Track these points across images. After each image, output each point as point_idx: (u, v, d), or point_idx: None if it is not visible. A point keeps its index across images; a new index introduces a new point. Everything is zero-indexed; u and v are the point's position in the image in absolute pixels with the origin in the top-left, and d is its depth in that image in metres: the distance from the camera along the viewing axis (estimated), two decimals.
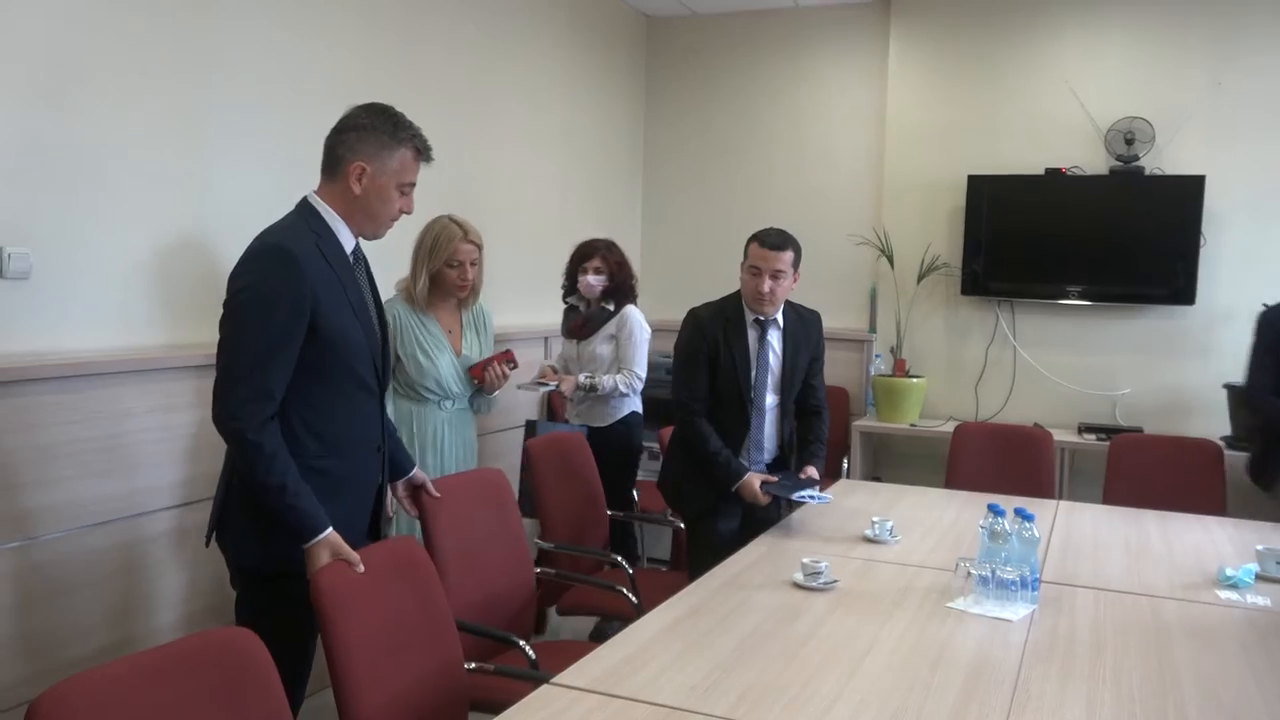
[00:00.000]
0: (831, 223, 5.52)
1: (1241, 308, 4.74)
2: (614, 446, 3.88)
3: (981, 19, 5.20)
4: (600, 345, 3.96)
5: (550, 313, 5.05)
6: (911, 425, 5.09)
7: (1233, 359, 4.78)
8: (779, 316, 3.24)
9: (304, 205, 2.21)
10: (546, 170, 5.05)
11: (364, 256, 2.33)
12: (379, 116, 2.21)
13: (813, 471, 3.24)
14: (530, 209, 4.93)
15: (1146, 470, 3.94)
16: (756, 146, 5.74)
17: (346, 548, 2.05)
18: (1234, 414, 4.58)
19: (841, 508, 3.28)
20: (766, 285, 3.10)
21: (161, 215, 2.89)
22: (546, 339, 4.92)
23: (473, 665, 2.29)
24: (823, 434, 3.37)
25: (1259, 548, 2.70)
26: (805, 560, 2.48)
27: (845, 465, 5.07)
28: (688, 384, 3.19)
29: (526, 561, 2.85)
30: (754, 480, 3.07)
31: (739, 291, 3.23)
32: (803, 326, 3.32)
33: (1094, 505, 3.64)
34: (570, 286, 4.10)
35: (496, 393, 3.31)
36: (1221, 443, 4.19)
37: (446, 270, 3.16)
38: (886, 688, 1.86)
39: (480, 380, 3.22)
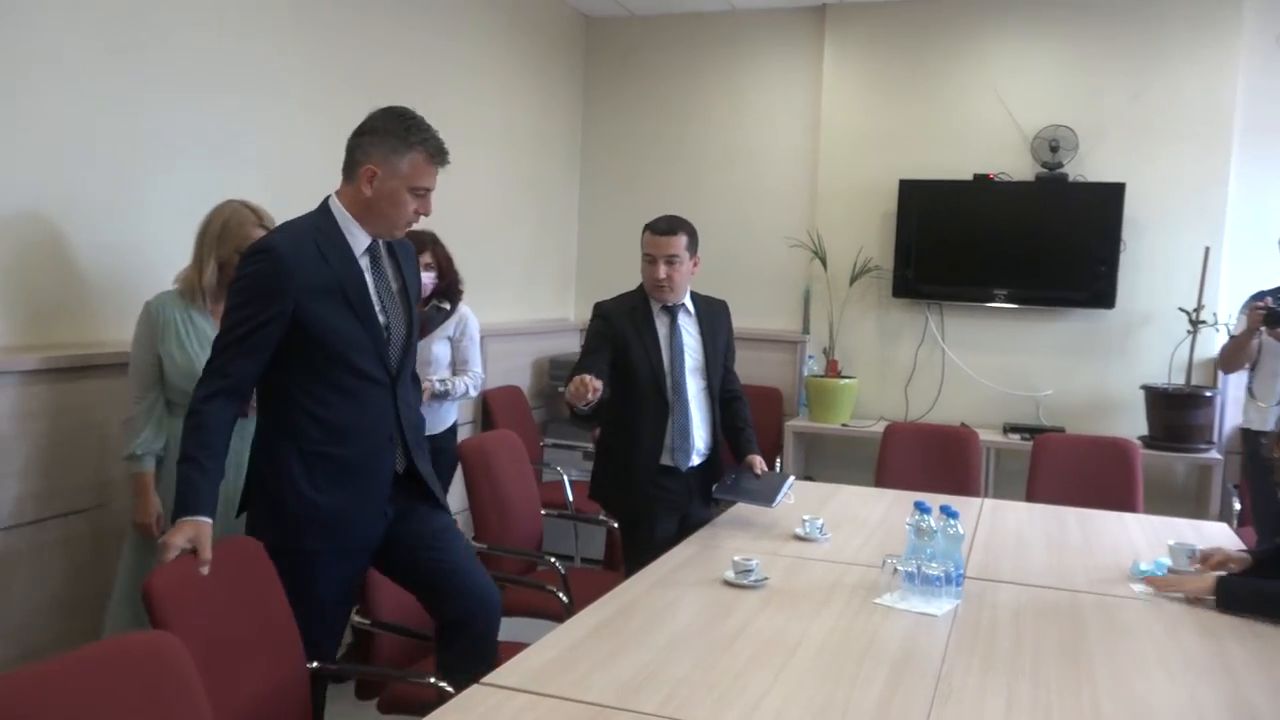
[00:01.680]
0: (766, 225, 5.59)
1: (1158, 311, 4.91)
2: (446, 454, 3.61)
3: (914, 28, 5.31)
4: (437, 346, 3.67)
5: (487, 312, 5.03)
6: (843, 425, 5.17)
7: (1150, 361, 4.96)
8: (688, 303, 3.21)
9: (322, 204, 2.29)
10: (485, 168, 5.03)
11: (388, 254, 2.35)
12: (393, 119, 2.25)
13: (758, 460, 3.23)
14: (469, 207, 4.90)
15: (1067, 468, 4.06)
16: (693, 147, 5.78)
17: (206, 542, 2.02)
18: (1152, 413, 4.73)
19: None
20: (662, 271, 3.07)
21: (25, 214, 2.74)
22: (484, 338, 4.88)
23: (314, 665, 2.26)
24: (750, 419, 3.37)
25: (1170, 542, 2.80)
26: (736, 558, 2.51)
27: (779, 465, 5.13)
28: (581, 367, 3.08)
29: None
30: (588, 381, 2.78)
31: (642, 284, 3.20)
32: (713, 311, 3.30)
33: (1017, 502, 3.73)
34: None
35: None
36: (1138, 442, 4.33)
37: (236, 259, 2.64)
38: (814, 682, 1.89)
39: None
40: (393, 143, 2.23)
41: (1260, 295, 4.07)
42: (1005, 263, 5.15)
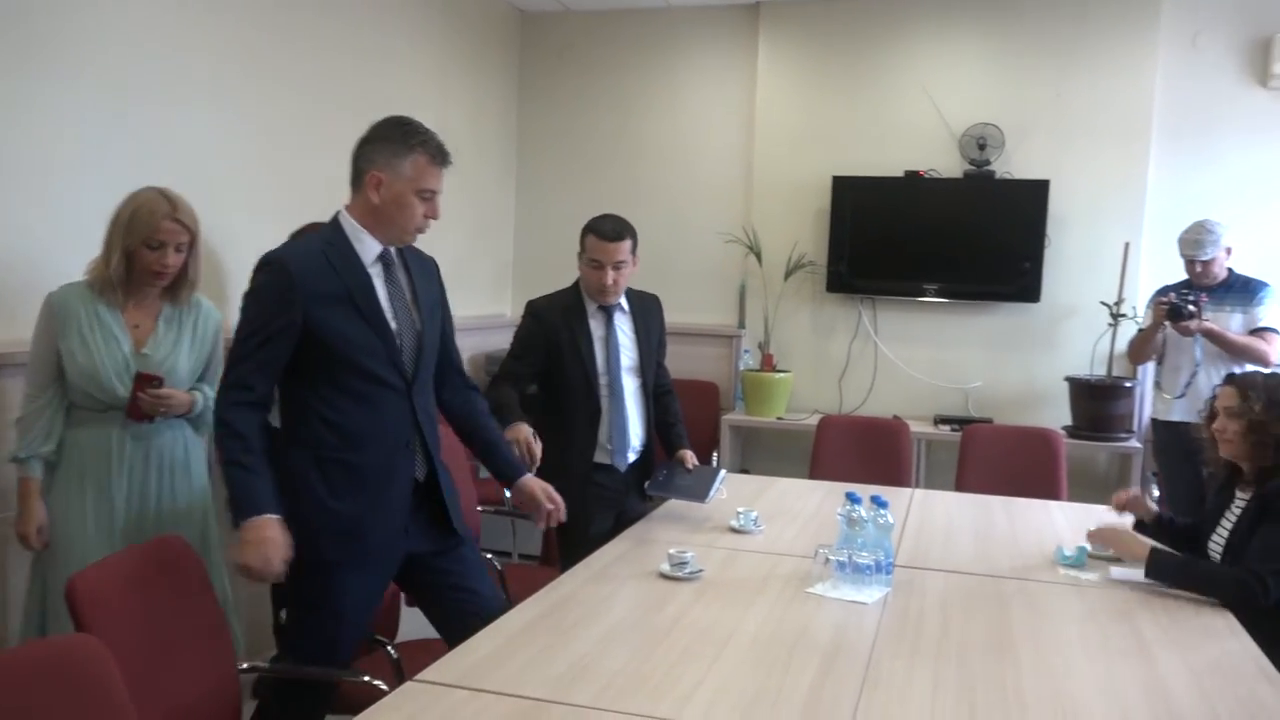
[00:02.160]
0: (702, 220, 5.62)
1: (1081, 305, 5.05)
2: None
3: (846, 27, 5.38)
4: None
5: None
6: (779, 418, 5.23)
7: (1074, 353, 5.10)
8: (623, 301, 3.21)
9: (333, 218, 2.33)
10: None
11: (402, 264, 2.39)
12: (391, 126, 2.31)
13: (689, 455, 3.27)
14: None
15: (995, 458, 4.16)
16: (629, 144, 5.79)
17: (277, 544, 2.11)
18: (1076, 404, 4.87)
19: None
20: (610, 277, 3.06)
21: None
22: None
23: (245, 665, 2.25)
24: (680, 413, 3.41)
25: (1091, 528, 2.89)
26: (671, 551, 2.53)
27: (715, 458, 5.17)
28: (509, 368, 3.14)
29: None
30: (522, 430, 2.89)
31: (578, 281, 3.19)
32: (645, 307, 3.30)
33: (947, 492, 3.81)
34: None
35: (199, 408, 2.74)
36: (1063, 431, 4.46)
37: (144, 251, 2.56)
38: (746, 671, 1.92)
39: (136, 417, 2.58)
40: (393, 147, 2.27)
41: (1165, 290, 4.22)
42: (935, 258, 5.25)
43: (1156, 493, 4.59)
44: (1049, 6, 5.10)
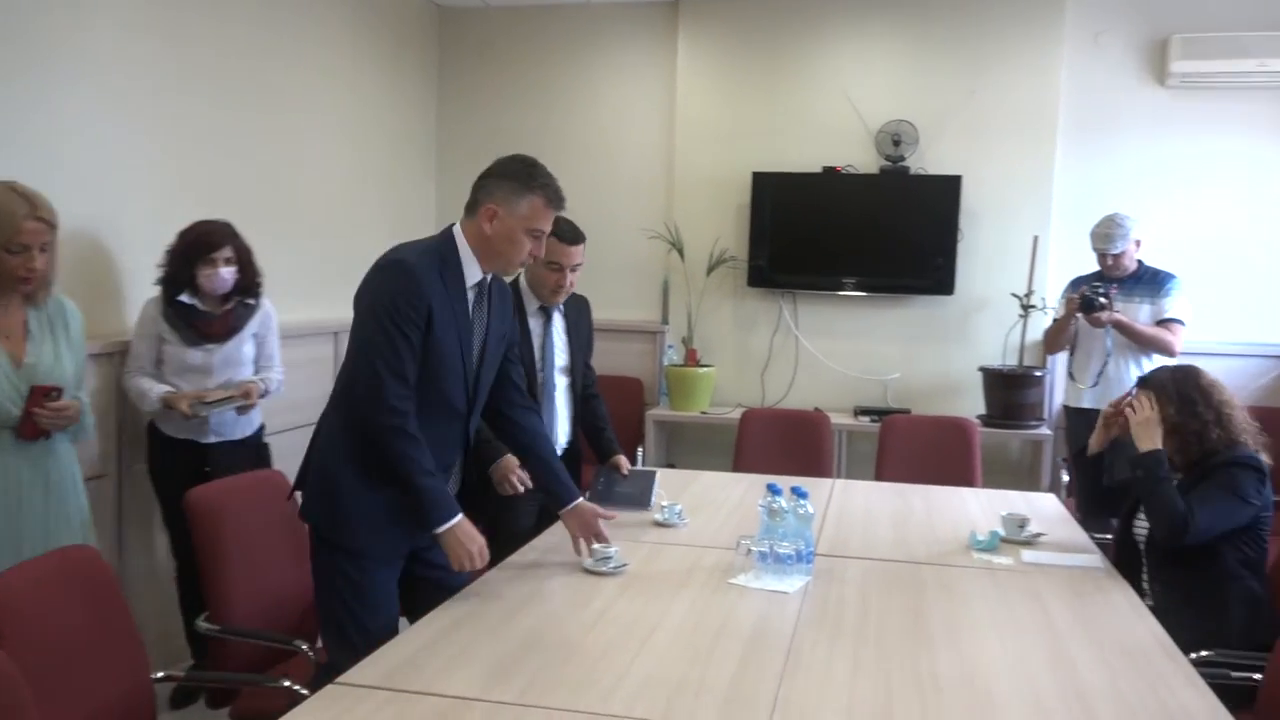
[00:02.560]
0: (624, 217, 5.63)
1: (993, 297, 5.19)
2: (264, 459, 3.53)
3: (764, 25, 5.44)
4: (246, 346, 3.47)
5: (341, 309, 4.92)
6: (702, 412, 5.28)
7: (987, 344, 5.24)
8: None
9: (446, 232, 2.39)
10: (335, 163, 4.90)
11: (492, 291, 2.45)
12: (518, 164, 2.39)
13: (624, 461, 3.33)
14: (318, 204, 4.78)
15: (912, 448, 4.26)
16: (551, 139, 5.77)
17: (477, 537, 2.27)
18: (989, 393, 5.00)
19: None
20: (568, 279, 3.11)
21: None
22: (336, 334, 4.78)
23: (160, 674, 2.22)
24: (607, 416, 3.46)
25: (1003, 514, 2.98)
26: (596, 546, 2.54)
27: (640, 453, 5.19)
28: None
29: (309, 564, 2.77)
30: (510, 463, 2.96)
31: (515, 281, 3.18)
32: (578, 309, 3.36)
33: (867, 482, 3.89)
34: (180, 281, 3.34)
35: (88, 419, 2.70)
36: (977, 420, 4.58)
37: (5, 257, 2.41)
38: (670, 663, 1.93)
39: (30, 435, 2.47)
40: (515, 185, 2.34)
41: (1078, 281, 4.35)
42: (853, 252, 5.35)
43: (1066, 478, 4.75)
44: (960, 7, 5.23)
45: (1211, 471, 2.64)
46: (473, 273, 2.36)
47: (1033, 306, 4.98)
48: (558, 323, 3.24)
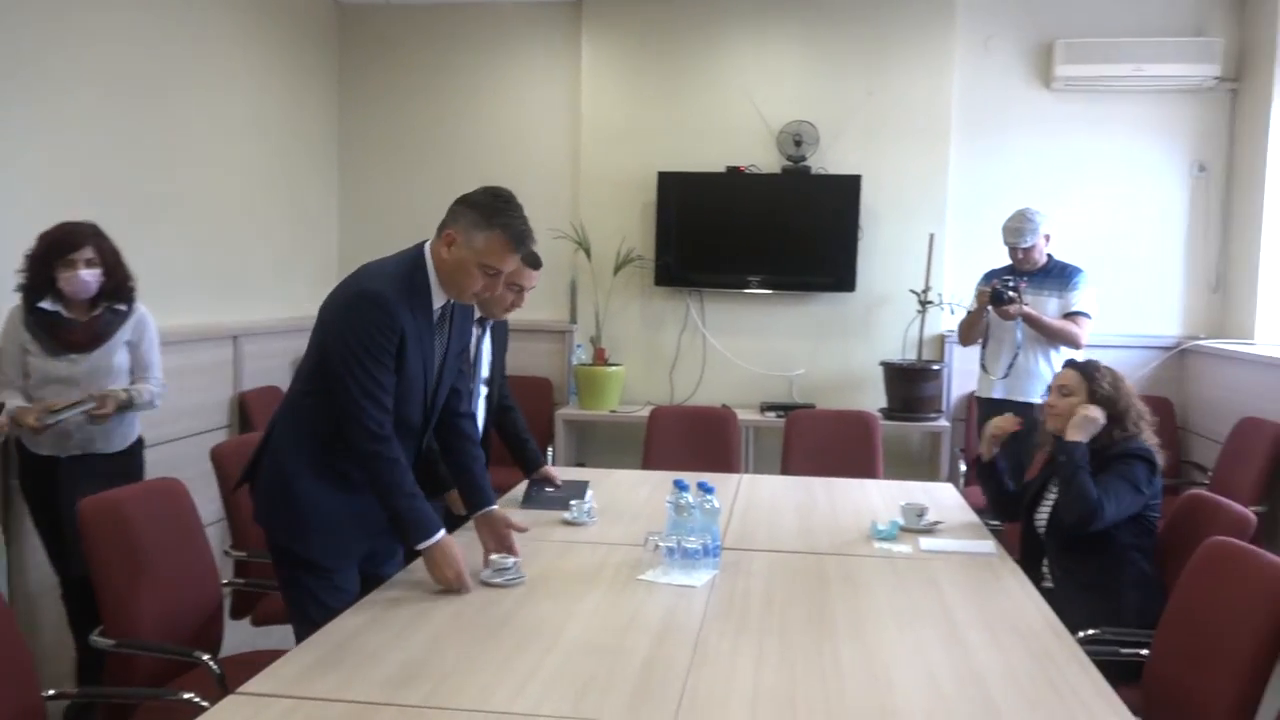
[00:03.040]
0: (531, 216, 5.53)
1: (893, 293, 5.34)
2: (133, 474, 3.28)
3: (667, 26, 5.49)
4: (118, 355, 3.24)
5: (238, 310, 4.80)
6: (612, 411, 5.30)
7: (887, 339, 5.38)
8: None
9: (417, 252, 2.38)
10: (233, 161, 4.78)
11: (455, 308, 2.46)
12: (489, 197, 2.34)
13: (554, 473, 3.37)
14: (216, 203, 4.65)
15: (817, 442, 4.35)
16: (456, 137, 5.73)
17: (460, 557, 2.32)
18: (890, 387, 5.14)
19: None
20: (523, 300, 3.13)
21: None
22: (236, 338, 4.66)
23: (51, 692, 2.16)
24: (526, 426, 3.48)
25: (902, 503, 3.07)
26: (494, 557, 2.47)
27: (550, 453, 5.19)
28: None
29: (211, 573, 2.71)
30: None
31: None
32: (500, 320, 3.33)
33: (773, 476, 3.96)
34: (40, 286, 3.14)
35: None
36: (878, 413, 4.70)
37: None
38: (578, 660, 1.95)
39: None
40: (477, 217, 2.30)
41: (991, 274, 4.44)
42: (758, 250, 5.43)
43: (964, 467, 4.91)
44: (858, 11, 5.36)
45: (1109, 462, 2.77)
46: (438, 296, 2.38)
47: (930, 302, 5.14)
48: (486, 334, 3.23)
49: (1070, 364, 3.04)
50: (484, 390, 3.25)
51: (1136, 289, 5.28)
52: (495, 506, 2.61)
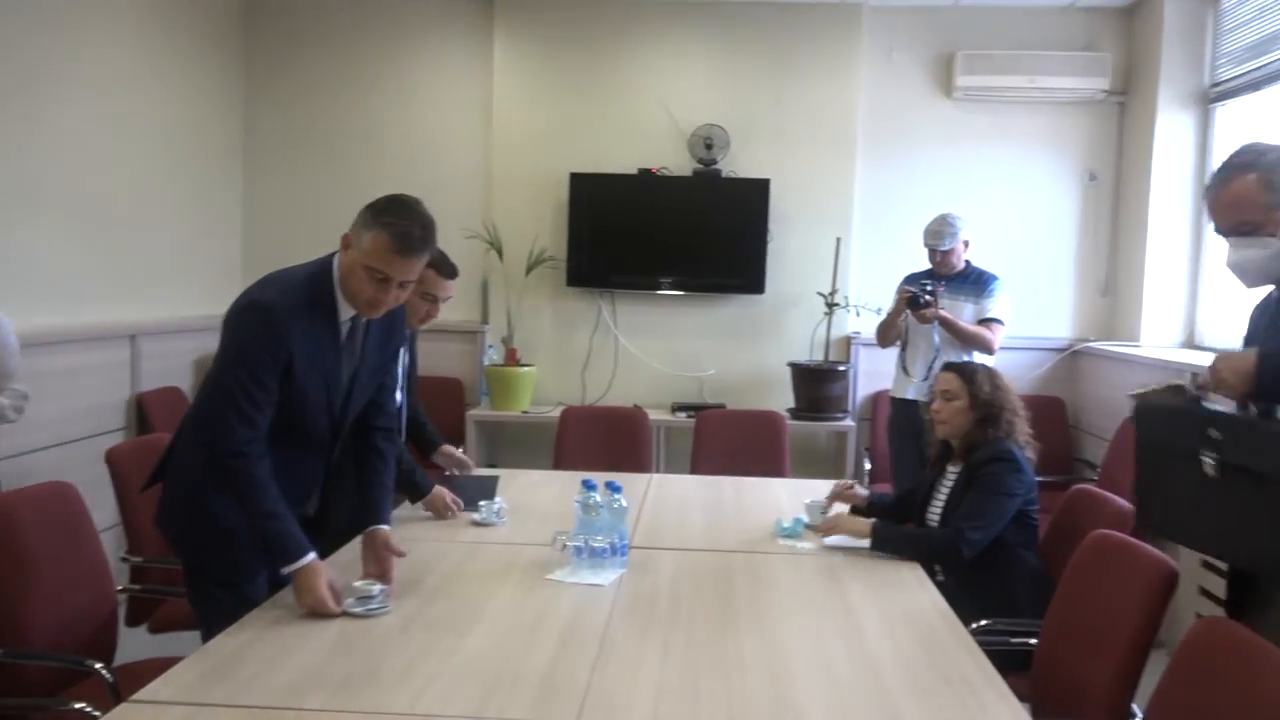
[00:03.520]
0: (442, 215, 5.36)
1: (800, 295, 5.44)
2: None
3: (580, 27, 5.51)
4: None
5: (141, 308, 4.67)
6: (523, 412, 5.30)
7: (795, 340, 5.49)
8: None
9: (327, 261, 2.29)
10: (130, 156, 4.64)
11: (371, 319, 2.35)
12: (385, 199, 2.25)
13: (453, 449, 3.41)
14: (113, 199, 4.50)
15: (726, 441, 4.41)
16: (365, 134, 5.66)
17: (326, 580, 2.17)
18: (798, 387, 5.24)
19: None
20: (439, 313, 3.09)
21: None
22: (134, 337, 4.53)
23: None
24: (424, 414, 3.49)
25: (807, 501, 3.14)
26: (357, 583, 2.22)
27: (461, 455, 5.14)
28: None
29: (106, 579, 2.63)
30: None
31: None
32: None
33: (683, 475, 4.01)
34: None
35: None
36: (786, 413, 4.79)
37: None
38: (483, 660, 1.95)
39: None
40: (367, 216, 2.21)
41: (911, 278, 4.49)
42: (670, 252, 5.49)
43: (868, 466, 5.03)
44: (767, 20, 5.45)
45: (976, 471, 2.84)
46: (345, 307, 2.29)
47: (837, 305, 5.26)
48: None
49: (950, 367, 3.10)
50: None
51: (1031, 293, 5.47)
52: (383, 526, 2.41)
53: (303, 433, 2.33)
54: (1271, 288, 2.13)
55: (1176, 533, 2.22)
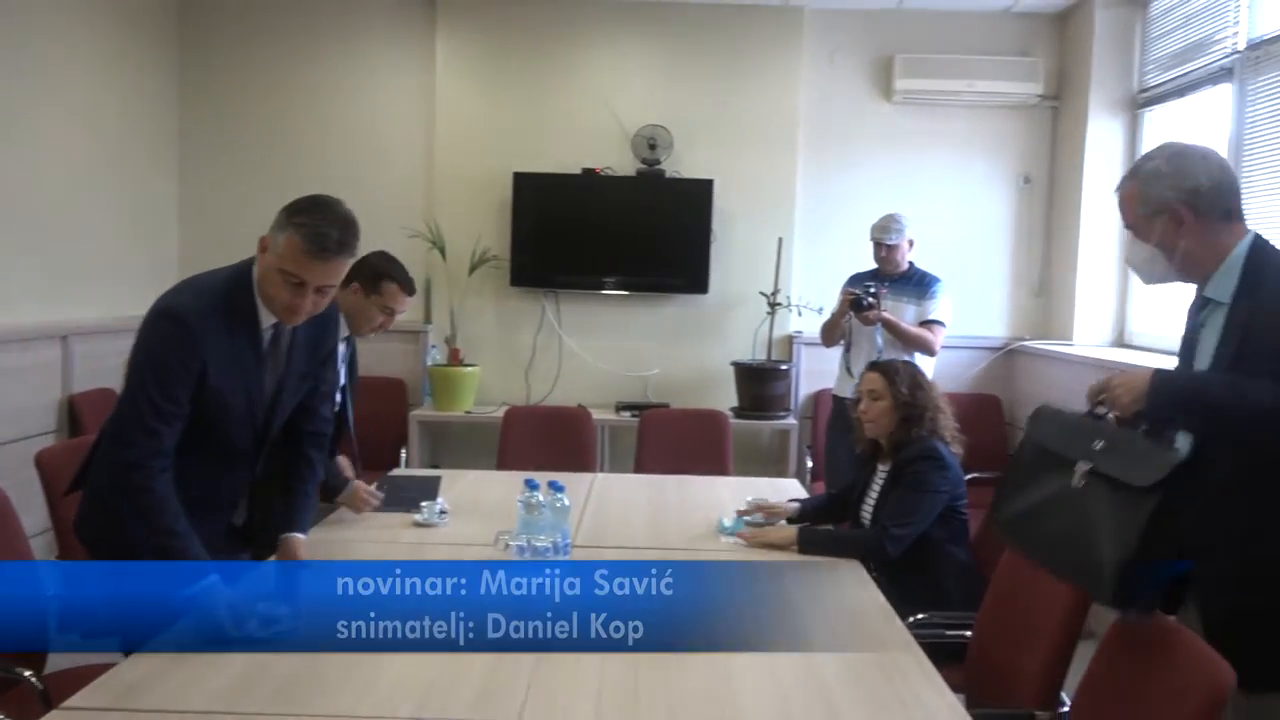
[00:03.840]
0: (384, 214, 5.47)
1: (744, 295, 5.49)
2: None
3: (523, 26, 5.49)
4: None
5: (72, 308, 4.57)
6: (467, 412, 5.27)
7: (739, 339, 5.53)
8: None
9: (246, 265, 2.19)
10: (60, 153, 4.53)
11: (297, 333, 2.27)
12: (303, 199, 2.16)
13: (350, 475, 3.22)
14: (45, 196, 4.40)
15: (670, 440, 4.45)
16: (304, 134, 5.58)
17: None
18: (741, 386, 5.29)
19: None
20: (366, 310, 3.08)
21: None
22: (66, 338, 4.43)
23: None
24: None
25: (748, 499, 3.18)
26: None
27: (404, 455, 5.12)
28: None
29: None
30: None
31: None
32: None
33: (627, 474, 4.04)
34: None
35: None
36: (729, 412, 4.84)
37: None
38: (424, 661, 1.93)
39: None
40: (282, 217, 2.12)
41: (855, 278, 4.53)
42: (614, 252, 5.50)
43: (810, 464, 5.09)
44: (710, 22, 5.48)
45: (902, 471, 2.90)
46: (266, 314, 2.20)
47: (779, 304, 5.31)
48: (342, 350, 3.14)
49: (874, 366, 3.13)
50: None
51: (968, 293, 5.56)
52: (298, 535, 2.40)
53: (225, 443, 2.26)
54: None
55: (1018, 537, 2.19)
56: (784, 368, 5.27)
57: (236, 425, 2.25)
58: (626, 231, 5.46)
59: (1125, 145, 5.15)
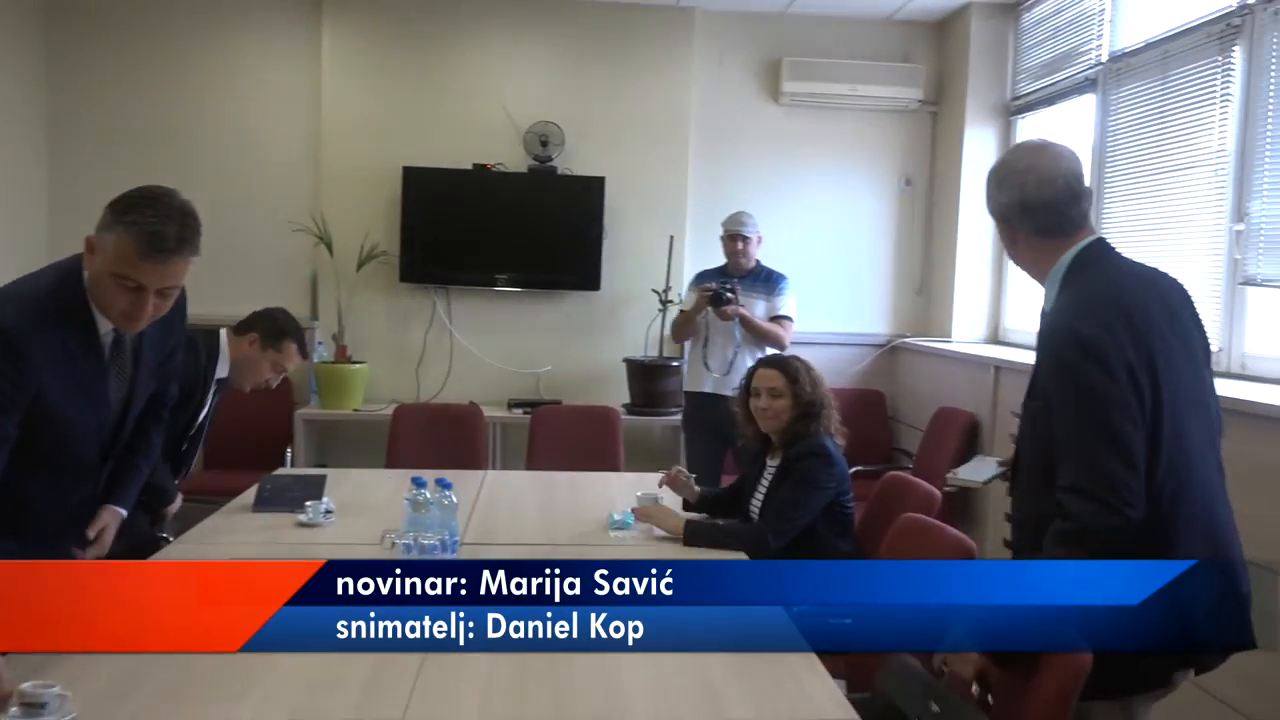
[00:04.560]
0: (267, 209, 5.38)
1: (635, 292, 5.53)
2: None
3: (412, 18, 5.42)
4: None
5: None
6: (355, 410, 5.18)
7: (630, 336, 5.57)
8: None
9: (74, 265, 2.00)
10: None
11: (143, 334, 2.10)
12: (132, 193, 1.95)
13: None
14: None
15: (562, 437, 4.46)
16: (182, 127, 5.39)
17: None
18: (632, 383, 5.33)
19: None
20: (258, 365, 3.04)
21: None
22: None
23: None
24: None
25: (638, 494, 3.20)
26: (26, 686, 1.70)
27: (289, 454, 4.99)
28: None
29: None
30: None
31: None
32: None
33: (519, 471, 4.04)
34: None
35: None
36: (621, 409, 4.87)
37: None
38: (307, 661, 1.89)
39: None
40: (108, 217, 1.92)
41: (704, 275, 4.67)
42: (506, 248, 5.47)
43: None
44: (603, 21, 5.51)
45: (791, 467, 2.97)
46: (103, 319, 2.02)
47: (670, 301, 5.36)
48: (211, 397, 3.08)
49: (772, 363, 3.18)
50: None
51: (852, 291, 5.75)
52: (117, 508, 2.27)
53: (70, 459, 2.10)
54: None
55: None
56: (675, 364, 5.33)
57: (82, 442, 2.10)
58: (518, 228, 5.44)
59: (999, 150, 5.37)
